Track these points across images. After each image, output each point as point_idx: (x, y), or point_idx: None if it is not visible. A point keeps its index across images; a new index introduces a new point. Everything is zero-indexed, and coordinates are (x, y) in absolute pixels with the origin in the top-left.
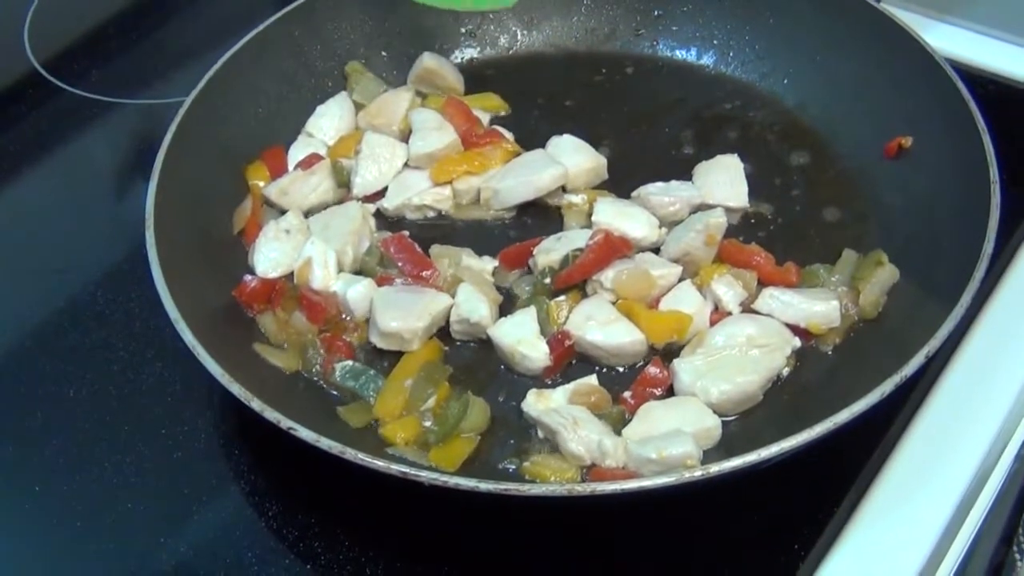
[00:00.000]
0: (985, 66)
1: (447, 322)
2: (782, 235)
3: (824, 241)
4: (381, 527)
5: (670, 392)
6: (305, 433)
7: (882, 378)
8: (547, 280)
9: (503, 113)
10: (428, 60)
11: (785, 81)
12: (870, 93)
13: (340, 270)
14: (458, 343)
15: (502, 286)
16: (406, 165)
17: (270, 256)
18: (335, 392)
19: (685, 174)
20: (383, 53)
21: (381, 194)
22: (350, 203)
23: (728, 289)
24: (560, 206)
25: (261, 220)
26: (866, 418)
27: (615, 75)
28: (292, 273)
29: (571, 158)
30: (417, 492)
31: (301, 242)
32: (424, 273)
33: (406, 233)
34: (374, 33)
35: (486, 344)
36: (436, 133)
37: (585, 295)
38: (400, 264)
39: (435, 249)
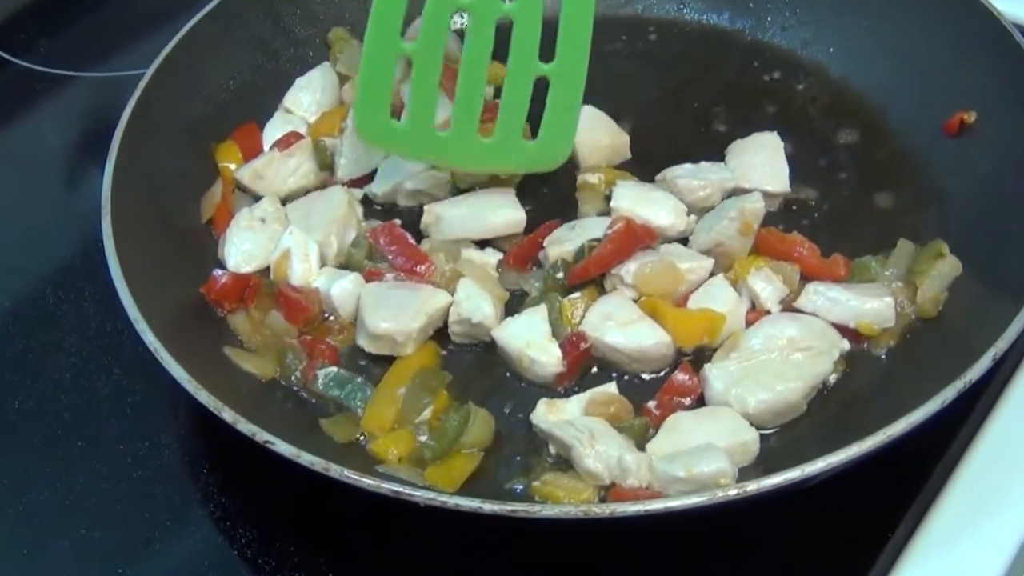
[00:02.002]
0: None
1: (445, 323)
2: (828, 223)
3: (876, 230)
4: (370, 556)
5: (700, 402)
6: (283, 448)
7: (943, 384)
8: (560, 275)
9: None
10: None
11: (831, 49)
12: (927, 62)
13: (323, 264)
14: (458, 347)
15: (508, 282)
16: None
17: (243, 248)
18: (318, 402)
19: (717, 154)
20: None
21: (369, 178)
22: (334, 188)
23: (766, 284)
24: (576, 189)
25: (232, 207)
26: (925, 430)
27: (636, 42)
28: (268, 268)
29: (587, 133)
30: (412, 515)
31: (278, 232)
32: (419, 267)
33: (398, 222)
34: None
35: (490, 348)
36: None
37: (603, 292)
38: (391, 257)
39: (429, 244)
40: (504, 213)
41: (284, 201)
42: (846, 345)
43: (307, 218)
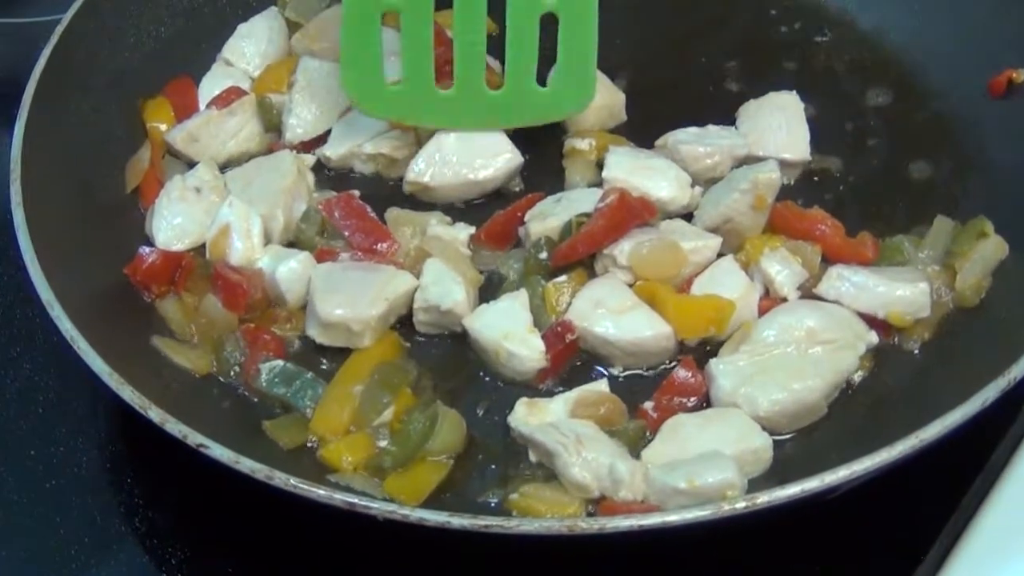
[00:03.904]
0: None
1: (409, 310)
2: (855, 197)
3: (910, 205)
4: None
5: (705, 403)
6: (220, 452)
7: (984, 382)
8: (543, 255)
9: (492, 33)
10: None
11: None
12: (971, 12)
13: (267, 241)
14: (424, 338)
15: (483, 263)
16: None
17: (174, 222)
18: (260, 401)
19: (727, 117)
20: None
21: (323, 139)
22: (281, 153)
23: (783, 267)
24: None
25: (162, 175)
26: (964, 434)
27: None
28: (203, 245)
29: None
30: (369, 532)
31: (216, 204)
32: (379, 245)
33: (356, 193)
34: None
35: (461, 339)
36: (397, 60)
37: (593, 275)
38: (347, 233)
39: (393, 213)
40: (502, 159)
41: (223, 168)
42: (874, 338)
43: (249, 188)
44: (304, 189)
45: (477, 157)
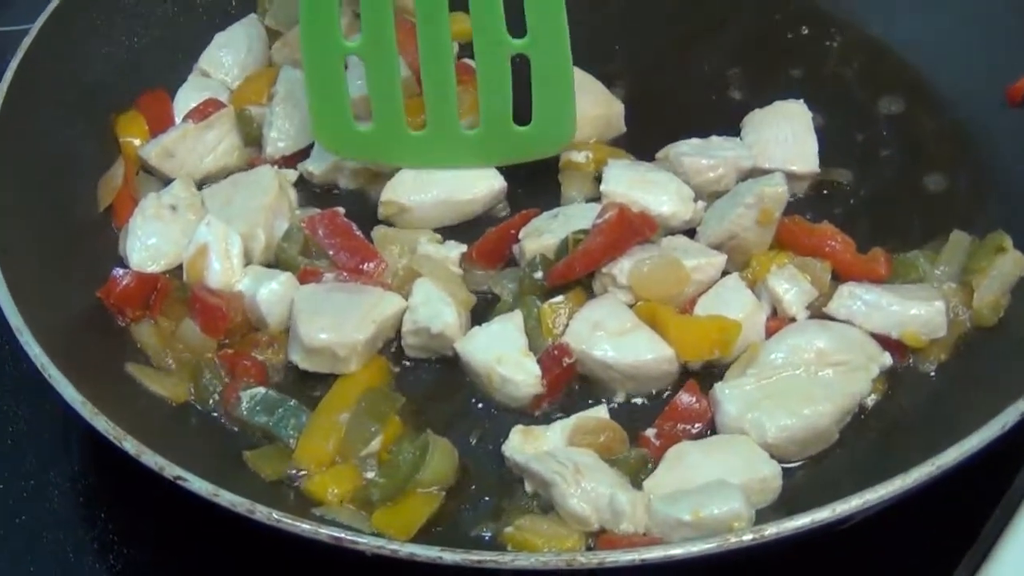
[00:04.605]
0: None
1: (398, 333)
2: (867, 211)
3: (924, 219)
4: None
5: (711, 429)
6: (199, 485)
7: (1004, 404)
8: (538, 274)
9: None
10: None
11: None
12: (986, 16)
13: (247, 262)
14: (413, 363)
15: (475, 283)
16: None
17: (149, 242)
18: (241, 431)
19: (731, 127)
20: None
21: (305, 153)
22: (261, 168)
23: (791, 286)
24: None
25: (136, 192)
26: (982, 460)
27: None
28: (180, 267)
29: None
30: (357, 568)
31: (192, 223)
32: (366, 265)
33: (341, 210)
34: None
35: (452, 364)
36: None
37: (591, 295)
38: (332, 252)
39: (380, 231)
40: (484, 183)
41: (200, 185)
42: (887, 359)
43: (228, 205)
44: (286, 206)
45: (458, 179)
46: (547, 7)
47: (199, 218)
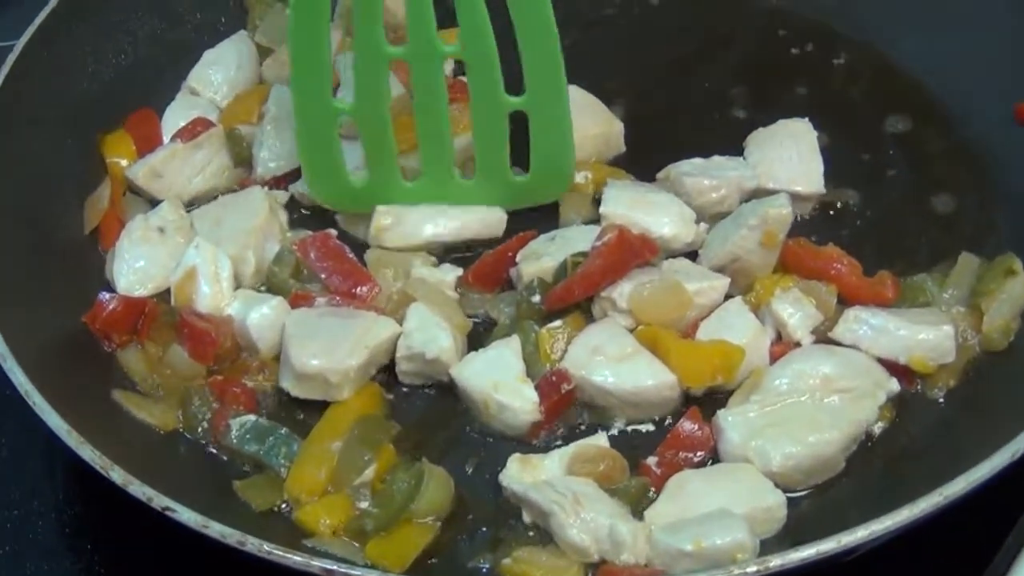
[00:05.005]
0: None
1: (392, 359)
2: (873, 233)
3: (932, 241)
4: None
5: (713, 458)
6: (188, 516)
7: (1014, 432)
8: (536, 298)
9: None
10: None
11: (874, 14)
12: (995, 34)
13: (238, 285)
14: (408, 389)
15: (471, 307)
16: None
17: (136, 266)
18: (231, 459)
19: (734, 146)
20: None
21: (296, 175)
22: (252, 189)
23: (795, 310)
24: None
25: (124, 214)
26: (992, 490)
27: (632, 7)
28: (168, 290)
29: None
30: None
31: (181, 246)
32: (359, 289)
33: (333, 232)
34: None
35: (448, 390)
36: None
37: (591, 319)
38: (324, 276)
39: (374, 254)
40: (480, 212)
41: (189, 206)
42: (895, 386)
43: (217, 227)
44: (276, 228)
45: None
46: (546, 66)
47: (188, 241)
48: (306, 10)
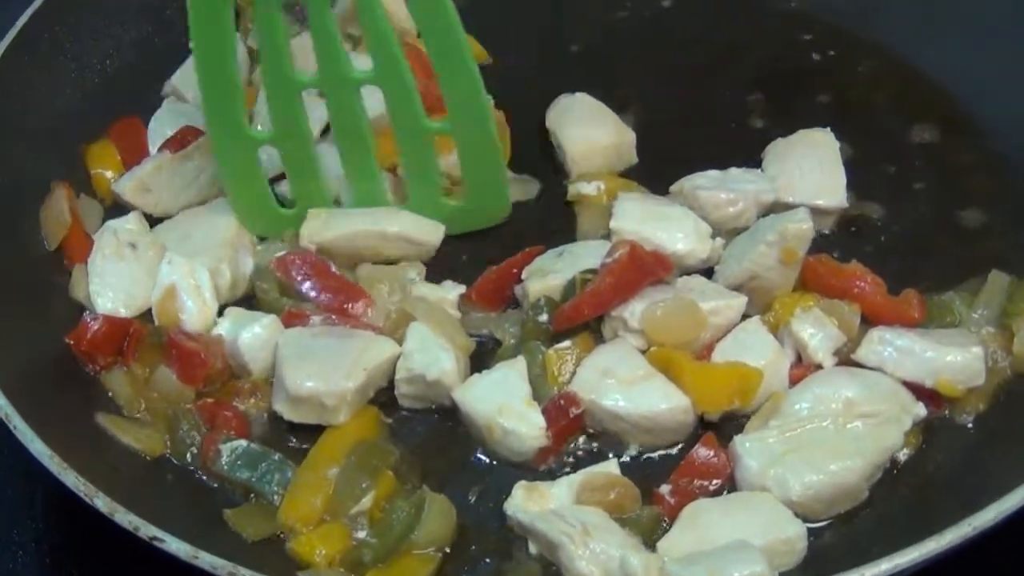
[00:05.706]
0: None
1: (391, 381)
2: (898, 249)
3: (961, 258)
4: None
5: (730, 486)
6: (177, 546)
7: None
8: (543, 318)
9: (482, 63)
10: None
11: (900, 19)
12: None
13: (217, 300)
14: (408, 413)
15: (475, 327)
16: (324, 135)
17: (110, 282)
18: (221, 487)
19: (752, 158)
20: None
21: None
22: (217, 201)
23: (816, 330)
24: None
25: (87, 227)
26: None
27: (644, 10)
28: (151, 310)
29: (581, 129)
30: None
31: (155, 261)
32: (351, 306)
33: (311, 247)
34: None
35: (450, 414)
36: (377, 93)
37: (601, 340)
38: (313, 295)
39: (365, 269)
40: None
41: (152, 221)
42: (921, 410)
43: (187, 241)
44: (247, 240)
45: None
46: (464, 86)
47: (160, 256)
48: (208, 42)
